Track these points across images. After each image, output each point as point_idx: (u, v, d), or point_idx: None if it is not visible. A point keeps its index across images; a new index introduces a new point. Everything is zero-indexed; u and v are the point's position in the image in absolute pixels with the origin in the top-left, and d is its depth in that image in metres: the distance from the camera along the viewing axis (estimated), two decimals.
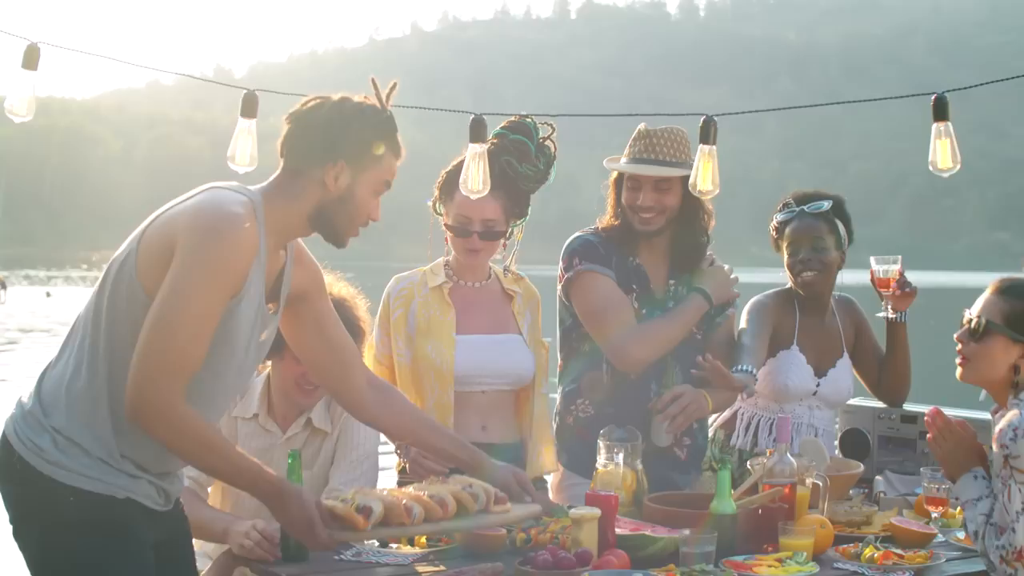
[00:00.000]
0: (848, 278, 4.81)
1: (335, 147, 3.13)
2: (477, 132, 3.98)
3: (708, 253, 4.47)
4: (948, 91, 3.70)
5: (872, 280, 4.56)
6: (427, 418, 3.82)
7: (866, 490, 4.41)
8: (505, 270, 4.36)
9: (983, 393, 3.68)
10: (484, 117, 3.92)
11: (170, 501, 3.24)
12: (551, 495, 4.34)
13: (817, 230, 4.56)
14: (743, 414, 4.66)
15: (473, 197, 4.04)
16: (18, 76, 3.79)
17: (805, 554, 3.45)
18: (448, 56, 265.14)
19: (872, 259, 4.53)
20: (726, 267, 4.46)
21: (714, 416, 4.67)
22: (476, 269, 4.28)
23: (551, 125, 4.29)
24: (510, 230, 4.30)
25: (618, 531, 3.48)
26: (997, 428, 3.42)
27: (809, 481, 3.82)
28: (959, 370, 3.63)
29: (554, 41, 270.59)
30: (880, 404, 4.80)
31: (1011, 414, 3.43)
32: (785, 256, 4.62)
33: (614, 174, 4.43)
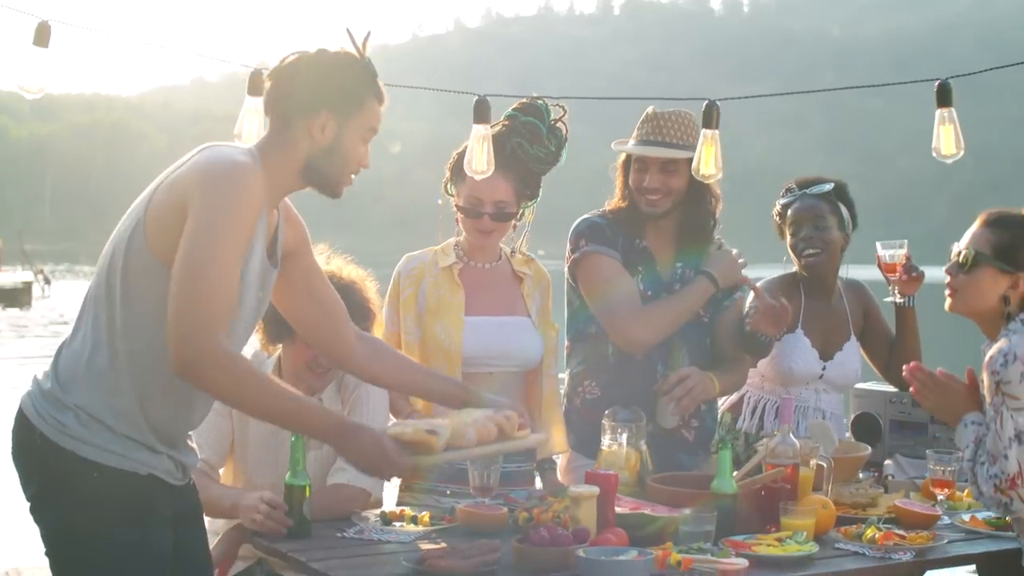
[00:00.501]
0: (862, 274, 4.81)
1: (317, 98, 3.15)
2: (481, 113, 4.00)
3: (717, 237, 4.47)
4: (952, 77, 3.69)
5: (879, 265, 4.55)
6: (417, 364, 3.85)
7: (876, 473, 4.41)
8: (514, 251, 4.37)
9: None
10: (488, 98, 3.93)
11: (186, 475, 3.27)
12: (559, 476, 4.36)
13: (819, 210, 4.57)
14: (749, 398, 4.67)
15: (477, 178, 4.06)
16: (30, 53, 3.84)
17: (805, 534, 3.45)
18: (491, 52, 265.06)
19: (878, 244, 4.52)
20: (734, 251, 4.46)
21: (722, 399, 4.67)
22: (487, 250, 4.29)
23: (563, 107, 4.30)
24: (521, 211, 4.31)
25: (618, 510, 3.49)
26: (987, 356, 3.42)
27: (813, 462, 3.82)
28: (948, 301, 3.62)
29: (597, 37, 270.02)
30: (892, 388, 4.79)
31: (1001, 342, 3.43)
32: (788, 238, 4.62)
33: (622, 156, 4.44)
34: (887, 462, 4.54)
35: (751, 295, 4.28)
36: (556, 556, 3.17)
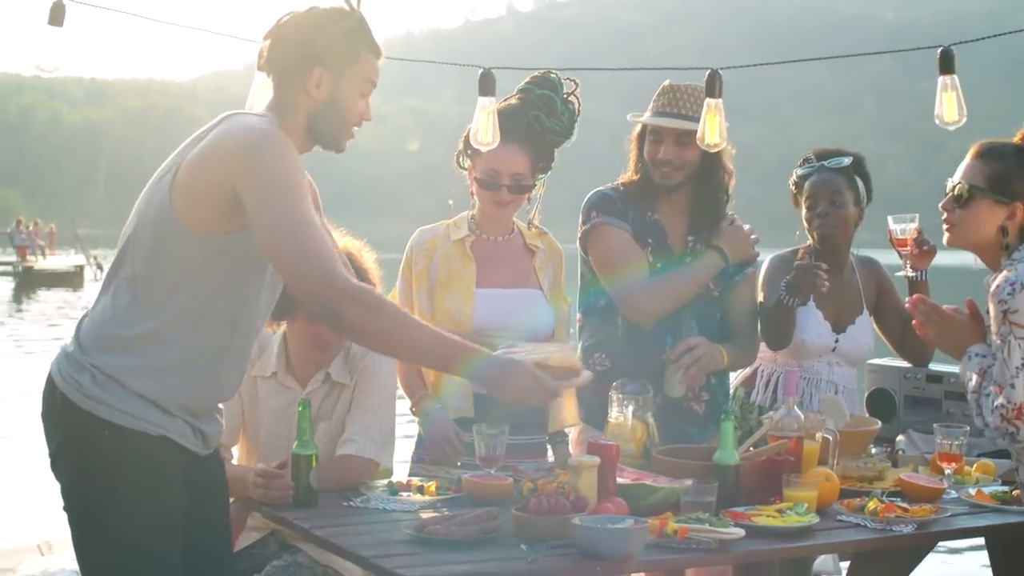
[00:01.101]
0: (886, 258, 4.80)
1: (309, 55, 3.20)
2: (486, 86, 4.03)
3: (729, 213, 4.48)
4: (956, 43, 3.69)
5: (890, 239, 4.54)
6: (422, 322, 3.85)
7: (889, 448, 4.40)
8: (529, 224, 4.39)
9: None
10: (493, 71, 3.96)
11: (209, 444, 3.32)
12: (571, 448, 4.38)
13: (836, 184, 4.56)
14: (763, 371, 4.67)
15: (483, 149, 4.10)
16: (45, 32, 3.89)
17: (806, 505, 3.46)
18: (543, 37, 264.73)
19: (890, 218, 4.51)
20: (746, 227, 4.47)
21: (736, 373, 4.67)
22: (500, 223, 4.31)
23: (575, 81, 4.32)
24: (535, 184, 4.34)
25: (619, 480, 3.51)
26: (994, 285, 3.39)
27: (819, 435, 3.83)
28: (946, 236, 3.60)
29: (648, 20, 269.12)
30: (906, 364, 4.78)
31: (1007, 272, 3.40)
32: (804, 210, 4.62)
33: (637, 129, 4.46)
34: (900, 437, 4.53)
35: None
36: (553, 524, 3.19)
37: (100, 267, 45.79)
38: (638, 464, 3.81)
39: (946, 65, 3.77)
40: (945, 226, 3.61)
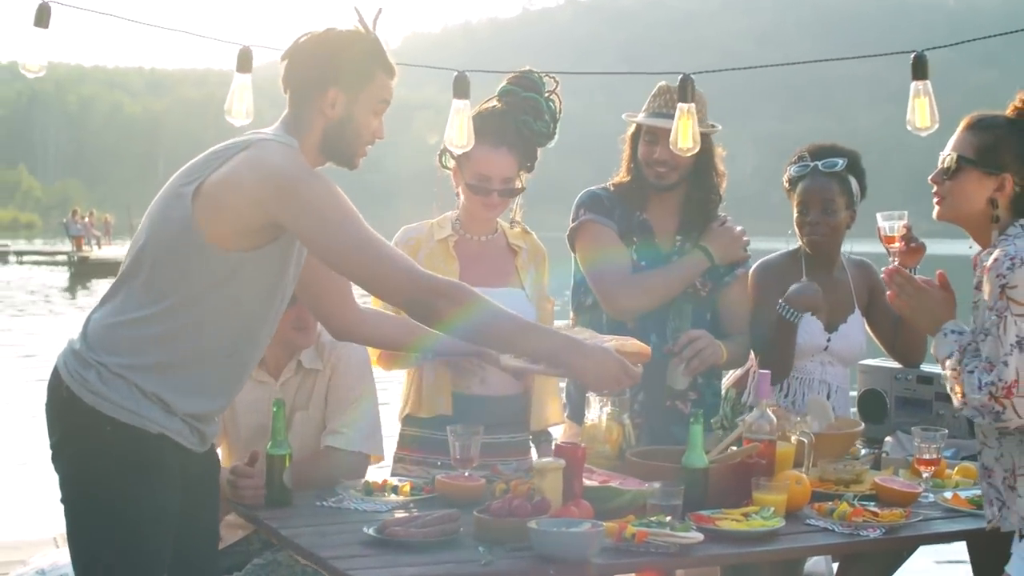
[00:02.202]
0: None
1: (326, 76, 3.31)
2: (461, 88, 4.05)
3: (722, 214, 4.48)
4: (927, 49, 3.66)
5: (879, 236, 4.50)
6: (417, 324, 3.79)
7: (877, 450, 4.38)
8: (512, 222, 4.41)
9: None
10: (467, 74, 3.97)
11: (206, 443, 3.41)
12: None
13: (828, 191, 4.52)
14: (755, 372, 4.65)
15: (457, 152, 4.12)
16: (30, 34, 3.96)
17: (773, 509, 3.45)
18: (601, 25, 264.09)
19: (879, 215, 4.45)
20: (738, 228, 4.46)
21: (727, 374, 4.66)
22: (484, 223, 4.33)
23: (555, 79, 4.33)
24: (523, 187, 4.35)
25: (587, 483, 3.52)
26: (991, 259, 3.31)
27: (794, 438, 3.82)
28: (936, 209, 3.55)
29: (707, 8, 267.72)
30: (897, 365, 4.75)
31: (1005, 247, 3.33)
32: (795, 213, 4.59)
33: (631, 129, 4.47)
34: (888, 439, 4.50)
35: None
36: (513, 527, 3.20)
37: None
38: (613, 466, 3.81)
39: (919, 71, 3.74)
40: (935, 199, 3.56)
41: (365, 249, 3.20)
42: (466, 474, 3.75)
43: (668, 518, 3.28)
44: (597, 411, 3.92)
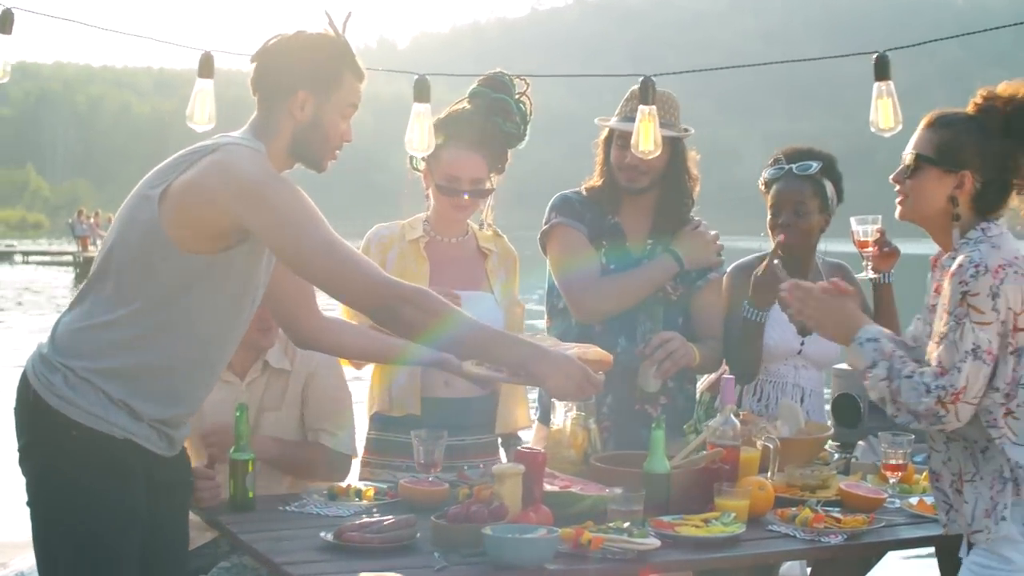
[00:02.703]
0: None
1: (294, 79, 3.31)
2: (421, 92, 4.05)
3: (695, 218, 4.47)
4: (892, 48, 3.65)
5: (853, 240, 4.48)
6: (381, 335, 3.82)
7: (848, 455, 4.36)
8: (482, 224, 4.40)
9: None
10: (427, 77, 3.97)
11: (175, 447, 3.40)
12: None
13: (800, 194, 4.50)
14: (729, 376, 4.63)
15: (418, 155, 4.13)
16: None
17: (734, 515, 3.43)
18: (609, 25, 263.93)
19: (852, 219, 4.44)
20: (712, 233, 4.45)
21: (702, 378, 4.65)
22: (454, 225, 4.33)
23: (526, 81, 4.33)
24: (493, 188, 4.35)
25: (547, 488, 3.51)
26: (955, 264, 3.27)
27: (760, 443, 3.81)
28: (898, 209, 3.51)
29: (715, 8, 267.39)
30: None
31: (968, 252, 3.29)
32: (768, 215, 4.58)
33: (604, 133, 4.46)
34: (860, 443, 4.48)
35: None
36: (469, 533, 3.20)
37: None
38: (578, 471, 3.80)
39: (881, 71, 3.73)
40: (898, 199, 3.54)
41: (330, 254, 3.19)
42: (430, 479, 3.75)
43: (627, 524, 3.28)
44: (562, 416, 3.92)
